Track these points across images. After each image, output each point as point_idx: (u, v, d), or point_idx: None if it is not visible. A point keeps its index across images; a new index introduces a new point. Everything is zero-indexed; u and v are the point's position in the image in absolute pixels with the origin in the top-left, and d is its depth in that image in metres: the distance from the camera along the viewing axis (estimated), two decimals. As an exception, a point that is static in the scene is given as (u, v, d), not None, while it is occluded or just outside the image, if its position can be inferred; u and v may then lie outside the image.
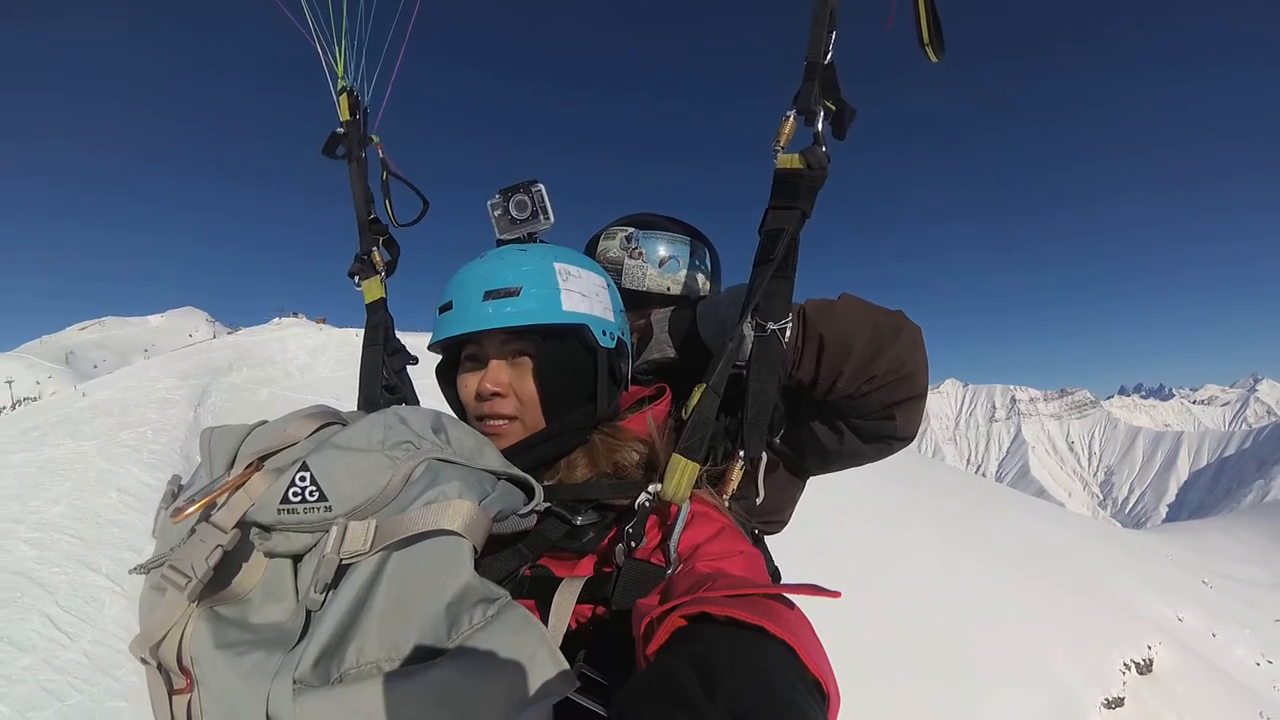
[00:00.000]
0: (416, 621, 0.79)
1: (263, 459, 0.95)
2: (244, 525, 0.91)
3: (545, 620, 0.96)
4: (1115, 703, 14.51)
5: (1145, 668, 16.43)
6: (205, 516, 0.90)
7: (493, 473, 1.02)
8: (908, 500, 21.29)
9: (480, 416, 1.19)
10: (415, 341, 1.65)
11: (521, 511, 1.01)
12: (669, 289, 1.65)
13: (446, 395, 1.30)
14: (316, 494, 0.89)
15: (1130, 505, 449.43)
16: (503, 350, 1.19)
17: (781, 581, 1.36)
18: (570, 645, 0.94)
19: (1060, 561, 21.74)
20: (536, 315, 1.15)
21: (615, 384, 1.24)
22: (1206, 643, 20.97)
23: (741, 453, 1.20)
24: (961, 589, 16.24)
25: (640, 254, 1.66)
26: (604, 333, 1.21)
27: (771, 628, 0.71)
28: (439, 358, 1.33)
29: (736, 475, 1.19)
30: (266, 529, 0.92)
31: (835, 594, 0.77)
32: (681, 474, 1.07)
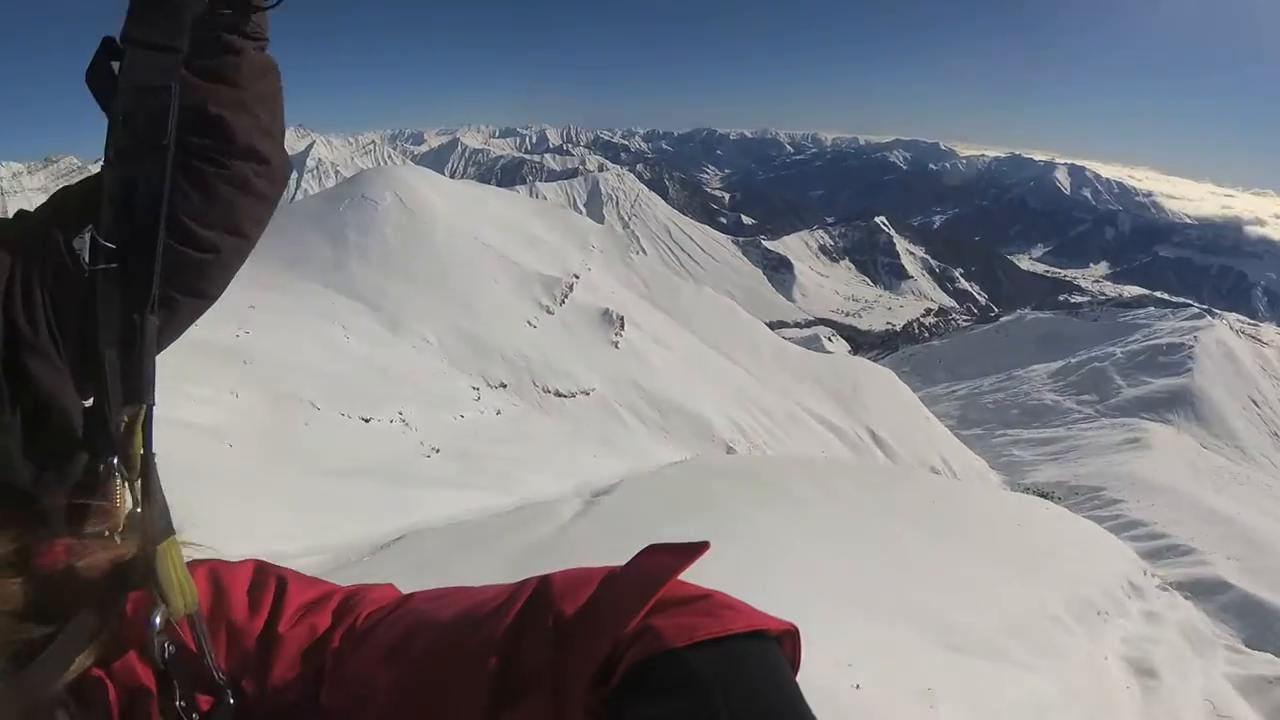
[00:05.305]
0: None
1: None
2: None
3: None
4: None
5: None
6: None
7: None
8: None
9: None
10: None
11: None
12: None
13: None
14: None
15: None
16: None
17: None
18: None
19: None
20: None
21: None
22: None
23: (113, 459, 0.69)
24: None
25: None
26: None
27: (708, 633, 0.51)
28: None
29: (120, 492, 0.70)
30: None
31: (704, 546, 0.58)
32: (171, 565, 0.64)
